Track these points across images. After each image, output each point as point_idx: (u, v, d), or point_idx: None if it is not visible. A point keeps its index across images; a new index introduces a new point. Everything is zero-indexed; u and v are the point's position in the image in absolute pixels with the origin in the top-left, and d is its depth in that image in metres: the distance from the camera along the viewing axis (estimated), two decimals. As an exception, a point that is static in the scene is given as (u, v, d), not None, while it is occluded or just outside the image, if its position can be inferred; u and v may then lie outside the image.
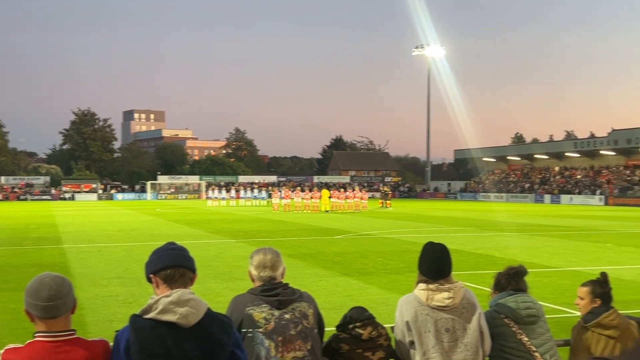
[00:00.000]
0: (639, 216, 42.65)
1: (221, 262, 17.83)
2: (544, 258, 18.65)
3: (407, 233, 27.64)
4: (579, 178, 77.00)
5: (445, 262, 4.18)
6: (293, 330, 3.86)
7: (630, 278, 14.62)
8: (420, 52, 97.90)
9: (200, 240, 24.86)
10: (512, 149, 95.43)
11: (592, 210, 53.28)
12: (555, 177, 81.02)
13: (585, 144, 78.30)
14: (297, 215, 42.95)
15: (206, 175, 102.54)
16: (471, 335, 4.04)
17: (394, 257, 18.42)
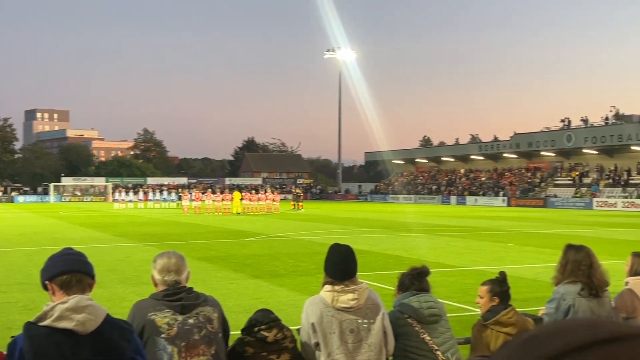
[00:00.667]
0: (539, 217, 44.61)
1: (127, 266, 17.38)
2: (449, 258, 19.19)
3: (319, 235, 27.82)
4: (483, 180, 79.78)
5: (351, 264, 4.21)
6: (197, 335, 3.80)
7: (530, 277, 15.23)
8: (332, 55, 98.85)
9: (105, 244, 24.13)
10: (420, 152, 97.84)
11: (496, 211, 55.31)
12: (460, 179, 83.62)
13: (489, 147, 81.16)
14: (208, 218, 42.43)
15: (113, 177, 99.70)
16: (375, 335, 4.10)
17: (305, 259, 18.49)
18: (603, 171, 67.87)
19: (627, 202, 57.58)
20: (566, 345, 0.62)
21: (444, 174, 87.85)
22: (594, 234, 28.18)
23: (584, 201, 61.54)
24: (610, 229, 32.37)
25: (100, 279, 15.76)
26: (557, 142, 69.75)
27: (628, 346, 0.61)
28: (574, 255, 4.91)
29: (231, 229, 31.38)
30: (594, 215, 47.75)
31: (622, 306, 5.25)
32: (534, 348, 0.63)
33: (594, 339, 0.61)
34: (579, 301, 4.84)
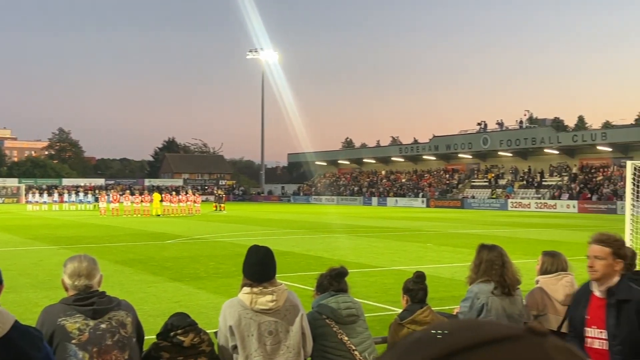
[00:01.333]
0: (456, 217, 45.79)
1: (41, 270, 16.77)
2: (370, 258, 19.43)
3: (241, 236, 27.64)
4: (403, 181, 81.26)
5: (270, 265, 4.19)
6: (109, 340, 3.69)
7: (447, 276, 15.60)
8: (254, 56, 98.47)
9: (18, 247, 23.20)
10: (343, 154, 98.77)
11: (415, 212, 56.43)
12: (382, 180, 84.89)
13: (409, 149, 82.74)
14: (126, 220, 41.45)
15: (26, 177, 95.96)
16: (293, 337, 4.09)
17: (226, 261, 18.32)
18: (517, 173, 70.35)
19: (540, 203, 59.87)
20: (448, 347, 0.62)
21: (366, 175, 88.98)
22: (509, 234, 29.16)
23: (499, 202, 63.57)
24: (524, 229, 33.57)
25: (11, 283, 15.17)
26: (474, 145, 71.82)
27: (508, 347, 0.62)
28: (487, 254, 5.04)
29: (150, 232, 30.77)
30: (509, 215, 49.42)
31: (533, 304, 5.43)
32: (417, 351, 0.64)
33: (475, 341, 0.62)
34: (492, 300, 4.97)
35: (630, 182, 12.63)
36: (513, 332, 0.65)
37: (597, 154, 63.38)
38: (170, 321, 4.25)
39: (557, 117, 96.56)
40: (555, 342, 0.66)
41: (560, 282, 5.40)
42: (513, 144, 67.59)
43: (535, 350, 0.63)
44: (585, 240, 18.25)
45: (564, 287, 5.38)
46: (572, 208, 56.15)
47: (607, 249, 4.36)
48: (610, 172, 60.23)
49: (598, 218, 44.74)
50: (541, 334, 0.66)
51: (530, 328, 0.66)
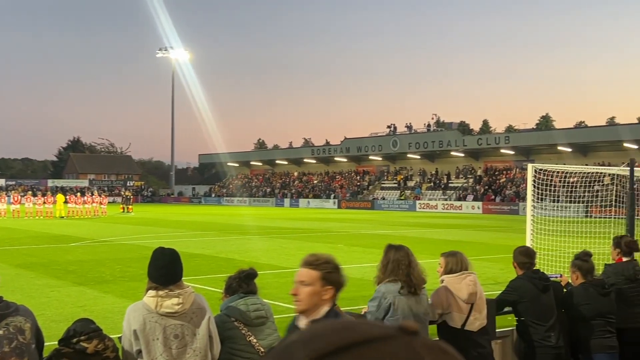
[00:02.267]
0: (367, 218, 46.51)
1: None
2: (282, 259, 19.44)
3: (149, 239, 27.04)
4: (315, 183, 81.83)
5: (176, 268, 4.11)
6: (7, 347, 3.52)
7: (357, 276, 15.78)
8: (164, 54, 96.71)
9: None
10: (255, 155, 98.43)
11: (327, 213, 56.93)
12: (294, 182, 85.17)
13: (321, 151, 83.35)
14: (27, 222, 39.75)
15: None
16: (200, 340, 4.03)
17: (133, 264, 17.86)
18: (425, 175, 72.20)
19: (446, 204, 61.68)
20: (319, 350, 0.62)
21: (278, 176, 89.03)
22: (417, 234, 29.87)
23: (408, 203, 65.04)
24: (432, 229, 34.48)
25: None
26: (384, 147, 73.20)
27: (379, 347, 0.62)
28: (394, 254, 5.14)
29: (54, 234, 29.64)
30: (417, 216, 50.64)
31: (438, 303, 5.59)
32: (290, 355, 0.64)
33: (347, 342, 0.62)
34: (398, 299, 5.07)
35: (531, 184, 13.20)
36: (385, 332, 0.65)
37: (500, 156, 65.93)
38: (73, 327, 4.10)
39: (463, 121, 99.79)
40: (425, 340, 0.66)
41: (464, 281, 5.58)
42: (421, 147, 69.32)
43: (405, 349, 0.63)
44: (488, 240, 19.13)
45: (468, 286, 5.56)
46: (477, 209, 58.15)
47: (315, 272, 3.73)
48: (513, 174, 62.75)
49: (501, 219, 46.52)
50: (412, 333, 0.66)
51: (401, 327, 0.67)
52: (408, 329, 0.67)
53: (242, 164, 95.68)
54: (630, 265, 6.81)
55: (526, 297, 6.06)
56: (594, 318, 6.26)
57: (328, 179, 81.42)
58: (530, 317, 6.04)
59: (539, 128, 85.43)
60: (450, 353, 0.67)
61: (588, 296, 6.29)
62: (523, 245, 6.76)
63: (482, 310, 5.64)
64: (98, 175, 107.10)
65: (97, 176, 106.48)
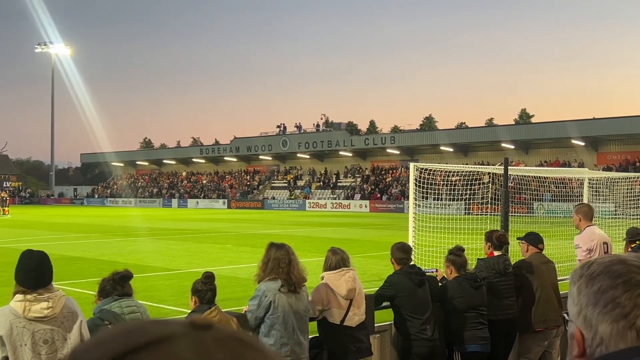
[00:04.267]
0: (257, 218, 46.45)
1: None
2: (167, 261, 19.07)
3: (26, 242, 25.71)
4: (204, 183, 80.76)
5: (45, 271, 3.94)
6: None
7: (245, 276, 15.72)
8: (44, 49, 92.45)
9: None
10: (141, 154, 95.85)
11: (216, 213, 56.33)
12: (182, 181, 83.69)
13: (210, 151, 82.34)
14: None
15: None
16: (72, 345, 3.89)
17: (8, 269, 16.84)
18: (315, 174, 72.97)
19: (335, 203, 62.60)
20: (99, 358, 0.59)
21: (166, 176, 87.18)
22: (306, 233, 30.14)
23: (298, 202, 65.49)
24: (320, 228, 34.89)
25: None
26: (274, 147, 73.33)
27: (165, 348, 0.59)
28: (275, 253, 5.16)
29: None
30: (307, 215, 51.10)
31: (318, 299, 5.66)
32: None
33: (127, 348, 0.59)
34: (279, 297, 5.10)
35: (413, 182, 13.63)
36: (173, 330, 0.61)
37: (386, 156, 67.70)
38: None
39: (351, 121, 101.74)
40: (218, 333, 0.62)
41: (343, 278, 5.68)
42: (311, 147, 70.00)
43: (192, 346, 0.59)
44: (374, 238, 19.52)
45: (347, 282, 5.67)
46: (364, 208, 59.40)
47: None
48: (399, 173, 64.58)
49: (387, 217, 47.77)
50: (204, 327, 0.63)
51: (192, 322, 0.63)
52: (200, 323, 0.63)
53: (127, 164, 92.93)
54: (500, 259, 7.16)
55: (403, 292, 6.24)
56: (467, 310, 6.54)
57: (217, 179, 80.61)
58: (406, 311, 6.22)
59: (422, 129, 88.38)
60: (247, 342, 0.63)
61: (461, 289, 6.56)
62: (400, 241, 6.96)
63: (361, 305, 5.77)
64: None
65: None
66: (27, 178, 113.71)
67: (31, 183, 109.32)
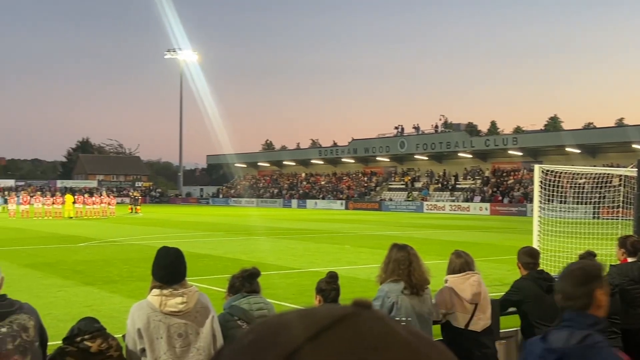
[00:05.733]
0: (374, 219, 46.48)
1: (-58, 275, 15.94)
2: (288, 260, 19.47)
3: (157, 239, 27.10)
4: (322, 184, 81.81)
5: (180, 267, 4.13)
6: (10, 345, 3.55)
7: (364, 277, 15.80)
8: (173, 56, 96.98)
9: None
10: (263, 156, 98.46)
11: (334, 214, 56.91)
12: (301, 182, 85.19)
13: (328, 152, 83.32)
14: (36, 222, 39.94)
15: None
16: (204, 339, 4.05)
17: (141, 264, 17.92)
18: (433, 176, 72.07)
19: (454, 206, 61.54)
20: (290, 344, 0.61)
21: (286, 177, 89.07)
22: (424, 235, 29.83)
23: (415, 204, 64.93)
24: (439, 230, 34.42)
25: None
26: (392, 148, 73.10)
27: (350, 324, 0.62)
28: (396, 254, 5.14)
29: (62, 234, 29.76)
30: (424, 217, 50.55)
31: (442, 302, 5.59)
32: (256, 356, 0.62)
33: (317, 328, 0.61)
34: (401, 298, 5.07)
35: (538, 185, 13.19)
36: (347, 311, 0.65)
37: (508, 158, 65.74)
38: (78, 326, 4.12)
39: (471, 122, 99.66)
40: (380, 311, 0.67)
41: (468, 281, 5.57)
42: (429, 148, 69.20)
43: (374, 321, 0.63)
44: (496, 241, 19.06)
45: (472, 286, 5.55)
46: (485, 210, 58.00)
47: None
48: (521, 175, 62.57)
49: (509, 220, 46.39)
50: (367, 306, 0.67)
51: (357, 302, 0.66)
52: (364, 303, 0.67)
53: (249, 165, 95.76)
54: (635, 266, 6.78)
55: (530, 298, 6.04)
56: (599, 319, 6.23)
57: (335, 180, 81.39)
58: (534, 317, 6.02)
59: (547, 129, 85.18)
60: (395, 320, 0.68)
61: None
62: (528, 245, 6.74)
63: (486, 310, 5.63)
64: (107, 176, 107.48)
65: (106, 177, 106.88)
66: (157, 178, 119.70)
67: (161, 183, 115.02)
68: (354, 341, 0.61)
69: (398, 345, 0.61)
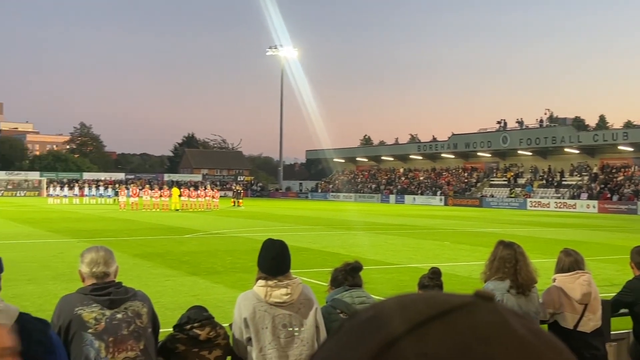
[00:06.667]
0: (474, 216, 45.56)
1: (61, 262, 16.95)
2: (387, 255, 19.41)
3: (258, 232, 27.70)
4: (421, 179, 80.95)
5: (285, 259, 4.20)
6: (125, 330, 3.72)
7: (464, 274, 15.54)
8: (274, 52, 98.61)
9: (39, 239, 23.47)
10: (361, 151, 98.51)
11: (433, 210, 56.23)
12: (400, 178, 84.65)
13: (427, 147, 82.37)
14: (145, 214, 41.74)
15: (48, 171, 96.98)
16: (307, 330, 4.10)
17: (243, 256, 18.37)
18: (537, 172, 69.80)
19: (559, 203, 59.38)
20: (405, 323, 0.60)
21: (384, 173, 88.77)
22: (528, 233, 28.96)
23: (518, 201, 63.14)
24: (543, 228, 33.32)
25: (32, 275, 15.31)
26: (493, 143, 71.35)
27: (467, 313, 0.62)
28: (502, 251, 5.01)
29: (169, 226, 30.95)
30: (528, 215, 49.07)
31: (549, 302, 5.40)
32: (373, 332, 0.61)
33: (433, 312, 0.61)
34: (507, 297, 4.94)
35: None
36: (466, 300, 0.64)
37: (618, 153, 62.71)
38: (188, 314, 4.28)
39: (578, 116, 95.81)
40: (501, 305, 0.66)
41: (577, 281, 5.36)
42: (533, 143, 67.06)
43: (492, 313, 0.62)
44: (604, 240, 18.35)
45: (581, 286, 5.34)
46: (592, 208, 55.64)
47: None
48: (632, 172, 59.60)
49: (618, 218, 44.31)
50: (488, 298, 0.65)
51: (478, 293, 0.66)
52: (486, 295, 0.66)
53: (348, 160, 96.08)
54: None
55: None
56: None
57: (434, 176, 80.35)
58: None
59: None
60: (520, 314, 0.65)
61: None
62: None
63: (597, 311, 5.40)
64: (211, 170, 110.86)
65: (210, 171, 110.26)
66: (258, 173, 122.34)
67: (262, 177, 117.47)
68: (462, 333, 0.59)
69: (510, 341, 0.59)
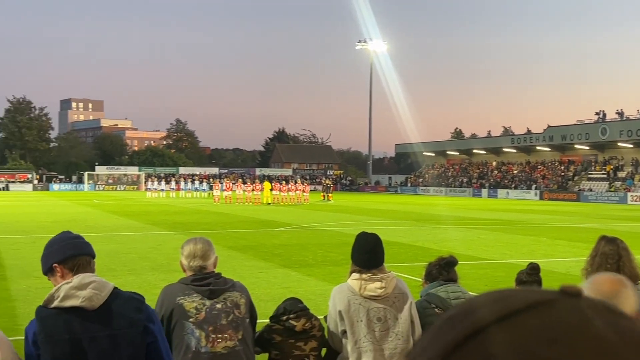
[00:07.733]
0: (572, 210, 44.00)
1: (159, 254, 17.60)
2: (479, 250, 19.05)
3: (348, 226, 27.81)
4: (515, 173, 78.91)
5: (378, 252, 4.20)
6: (224, 320, 3.84)
7: (562, 270, 15.07)
8: (363, 46, 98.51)
9: (138, 232, 24.45)
10: (452, 144, 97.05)
11: (528, 204, 54.69)
12: (492, 171, 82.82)
13: (521, 140, 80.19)
14: (238, 208, 42.70)
15: (146, 166, 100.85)
16: (402, 324, 4.09)
17: (334, 249, 18.51)
18: (638, 165, 66.65)
19: (663, 197, 56.51)
20: (478, 321, 0.60)
21: (475, 166, 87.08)
22: (629, 229, 27.71)
23: (618, 195, 60.53)
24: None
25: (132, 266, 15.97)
26: (592, 135, 68.61)
27: (542, 312, 0.60)
28: (604, 247, 4.81)
29: (261, 219, 31.53)
30: (629, 209, 46.95)
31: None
32: (450, 329, 0.62)
33: (506, 312, 0.60)
34: (609, 294, 4.76)
35: None
36: (546, 297, 0.62)
37: None
38: (284, 305, 4.37)
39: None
40: (591, 301, 0.63)
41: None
42: (634, 135, 63.98)
43: (571, 312, 0.60)
44: None
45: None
46: (700, 203, 52.67)
47: None
48: None
49: None
50: (575, 295, 0.63)
51: (563, 289, 0.64)
52: (571, 290, 0.63)
53: (437, 154, 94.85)
54: None
55: None
56: None
57: (529, 169, 78.12)
58: None
59: None
60: (617, 312, 0.62)
61: None
62: None
63: None
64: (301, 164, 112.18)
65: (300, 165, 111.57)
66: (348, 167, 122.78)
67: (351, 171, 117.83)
68: (536, 330, 0.58)
69: (584, 341, 0.57)
